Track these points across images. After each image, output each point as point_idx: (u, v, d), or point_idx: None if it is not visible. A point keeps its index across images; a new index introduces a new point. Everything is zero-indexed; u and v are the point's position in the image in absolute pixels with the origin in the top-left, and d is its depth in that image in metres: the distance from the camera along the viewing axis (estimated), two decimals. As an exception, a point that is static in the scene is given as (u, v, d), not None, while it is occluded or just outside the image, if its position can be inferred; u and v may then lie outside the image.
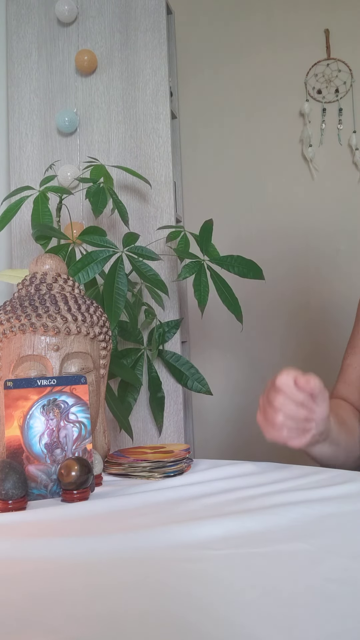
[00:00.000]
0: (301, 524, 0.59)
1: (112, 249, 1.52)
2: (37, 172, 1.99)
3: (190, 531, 0.58)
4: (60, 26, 2.02)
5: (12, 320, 0.85)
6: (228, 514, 0.63)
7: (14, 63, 2.04)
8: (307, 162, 2.28)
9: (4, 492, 0.71)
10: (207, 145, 2.41)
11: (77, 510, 0.70)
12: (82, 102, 1.99)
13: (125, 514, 0.68)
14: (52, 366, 0.84)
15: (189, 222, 2.22)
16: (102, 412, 0.94)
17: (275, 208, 2.32)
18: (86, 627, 0.40)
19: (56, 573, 0.50)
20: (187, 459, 0.91)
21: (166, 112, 1.93)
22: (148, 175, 1.89)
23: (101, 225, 1.87)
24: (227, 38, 2.39)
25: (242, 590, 0.44)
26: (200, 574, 0.48)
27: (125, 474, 0.88)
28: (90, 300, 0.93)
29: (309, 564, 0.49)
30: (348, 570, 0.47)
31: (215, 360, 2.35)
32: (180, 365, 1.80)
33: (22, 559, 0.54)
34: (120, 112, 1.96)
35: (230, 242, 2.23)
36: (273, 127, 2.33)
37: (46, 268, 0.93)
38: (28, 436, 0.79)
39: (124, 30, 1.97)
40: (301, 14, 2.30)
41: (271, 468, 0.85)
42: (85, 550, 0.55)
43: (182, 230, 1.71)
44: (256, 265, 1.61)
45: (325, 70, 2.27)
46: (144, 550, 0.54)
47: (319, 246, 2.25)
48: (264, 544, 0.54)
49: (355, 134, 2.23)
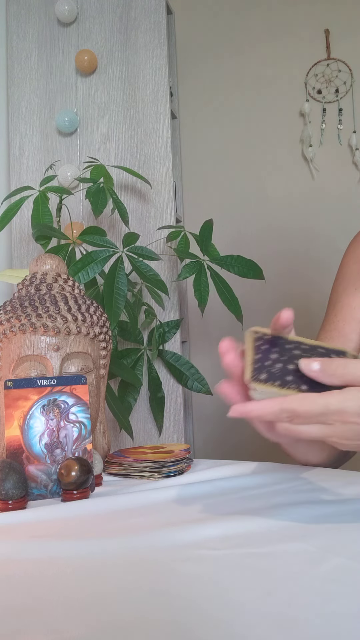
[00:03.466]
0: (301, 524, 0.59)
1: (112, 249, 1.52)
2: (37, 172, 1.99)
3: (190, 531, 0.58)
4: (60, 26, 2.02)
5: (12, 320, 0.85)
6: (228, 514, 0.63)
7: (14, 63, 2.04)
8: (307, 162, 2.28)
9: (4, 492, 0.71)
10: (207, 145, 2.41)
11: (77, 510, 0.70)
12: (82, 102, 1.99)
13: (125, 514, 0.68)
14: (52, 366, 0.84)
15: (189, 222, 2.22)
16: (102, 412, 0.94)
17: (275, 208, 2.32)
18: (86, 627, 0.40)
19: (56, 573, 0.50)
20: (187, 459, 0.91)
21: (166, 112, 1.93)
22: (148, 175, 1.89)
23: (101, 225, 1.87)
24: (227, 38, 2.39)
25: (242, 590, 0.44)
26: (200, 574, 0.48)
27: (125, 474, 0.88)
28: (90, 300, 0.93)
29: (309, 564, 0.49)
30: (348, 570, 0.47)
31: (215, 361, 2.34)
32: (180, 365, 1.80)
33: (22, 559, 0.54)
34: (120, 112, 1.96)
35: (230, 242, 2.23)
36: (273, 127, 2.33)
37: (46, 268, 0.93)
38: (28, 436, 0.79)
39: (124, 30, 1.97)
40: (301, 13, 2.30)
41: (271, 468, 0.85)
42: (85, 551, 0.55)
43: (182, 230, 1.71)
44: (256, 265, 1.61)
45: (325, 70, 2.27)
46: (144, 550, 0.54)
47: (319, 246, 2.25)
48: (264, 544, 0.54)
49: (355, 134, 2.23)
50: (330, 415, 0.53)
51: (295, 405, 0.53)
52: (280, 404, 0.53)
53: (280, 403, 0.53)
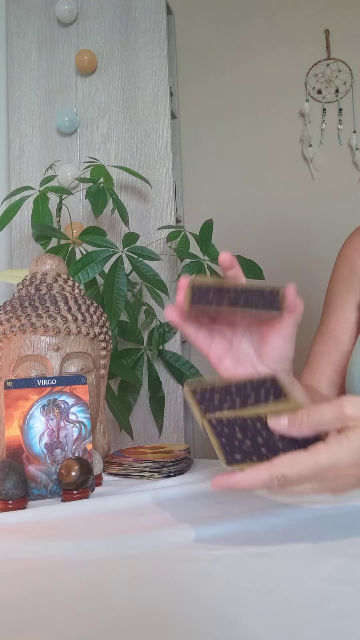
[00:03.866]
0: (301, 524, 0.59)
1: (112, 249, 1.52)
2: (37, 172, 1.99)
3: (190, 531, 0.58)
4: (60, 26, 2.02)
5: (12, 320, 0.85)
6: (228, 514, 0.63)
7: (14, 63, 2.04)
8: (307, 162, 2.28)
9: (4, 492, 0.71)
10: (207, 145, 2.41)
11: (77, 510, 0.70)
12: (82, 102, 1.99)
13: (125, 514, 0.68)
14: (52, 366, 0.84)
15: (189, 222, 2.22)
16: (102, 412, 0.94)
17: (275, 208, 2.32)
18: (86, 626, 0.40)
19: (56, 573, 0.50)
20: (187, 459, 0.91)
21: (166, 112, 1.93)
22: (148, 175, 1.89)
23: (101, 225, 1.87)
24: (227, 38, 2.39)
25: (242, 590, 0.44)
26: (200, 574, 0.48)
27: (125, 474, 0.88)
28: (90, 300, 0.93)
29: (309, 564, 0.49)
30: (348, 570, 0.47)
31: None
32: (180, 365, 1.80)
33: (22, 558, 0.54)
34: (120, 112, 1.96)
35: (230, 242, 2.23)
36: (273, 127, 2.33)
37: (46, 268, 0.93)
38: (28, 436, 0.79)
39: (124, 30, 1.97)
40: (301, 14, 2.30)
41: (271, 468, 0.85)
42: (85, 550, 0.55)
43: (182, 230, 1.71)
44: (256, 265, 1.61)
45: (325, 70, 2.27)
46: (143, 550, 0.54)
47: (319, 246, 2.25)
48: (264, 544, 0.54)
49: (355, 134, 2.23)
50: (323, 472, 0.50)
51: (285, 470, 0.50)
52: (269, 470, 0.50)
53: (269, 470, 0.50)
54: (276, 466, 0.50)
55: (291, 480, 0.50)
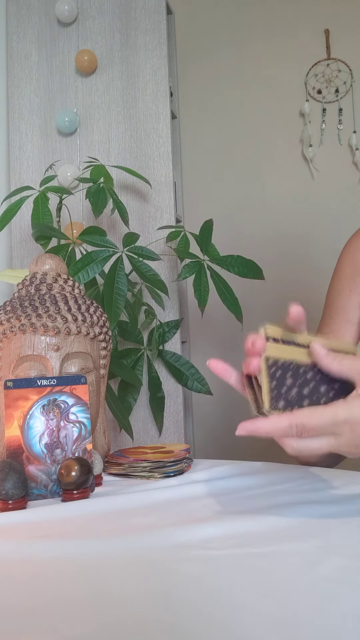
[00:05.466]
0: (301, 524, 0.59)
1: (112, 249, 1.52)
2: (37, 172, 1.99)
3: (190, 531, 0.58)
4: (60, 26, 2.02)
5: (12, 320, 0.85)
6: (228, 514, 0.63)
7: (14, 63, 2.04)
8: (307, 162, 2.28)
9: (4, 492, 0.71)
10: (207, 145, 2.41)
11: (77, 510, 0.70)
12: (82, 102, 1.99)
13: (125, 514, 0.68)
14: (52, 366, 0.84)
15: (189, 222, 2.22)
16: (102, 412, 0.94)
17: (275, 208, 2.32)
18: (86, 627, 0.40)
19: (56, 573, 0.50)
20: (187, 459, 0.91)
21: (166, 112, 1.93)
22: (148, 175, 1.89)
23: (101, 225, 1.87)
24: (227, 38, 2.39)
25: (242, 590, 0.44)
26: (200, 574, 0.48)
27: (125, 474, 0.88)
28: (90, 300, 0.93)
29: (309, 564, 0.49)
30: (348, 570, 0.47)
31: (215, 360, 2.34)
32: (180, 365, 1.80)
33: (22, 559, 0.54)
34: (120, 112, 1.96)
35: (230, 242, 2.23)
36: (273, 127, 2.33)
37: (46, 268, 0.93)
38: (28, 436, 0.79)
39: (124, 30, 1.97)
40: (301, 13, 2.30)
41: (271, 468, 0.85)
42: (85, 551, 0.55)
43: (182, 230, 1.71)
44: (256, 265, 1.61)
45: (325, 70, 2.27)
46: (143, 550, 0.54)
47: (318, 245, 2.25)
48: (264, 544, 0.54)
49: (355, 134, 2.23)
50: (339, 425, 0.54)
51: (304, 419, 0.54)
52: (289, 419, 0.54)
53: (289, 418, 0.54)
54: (296, 416, 0.54)
55: (309, 429, 0.54)
